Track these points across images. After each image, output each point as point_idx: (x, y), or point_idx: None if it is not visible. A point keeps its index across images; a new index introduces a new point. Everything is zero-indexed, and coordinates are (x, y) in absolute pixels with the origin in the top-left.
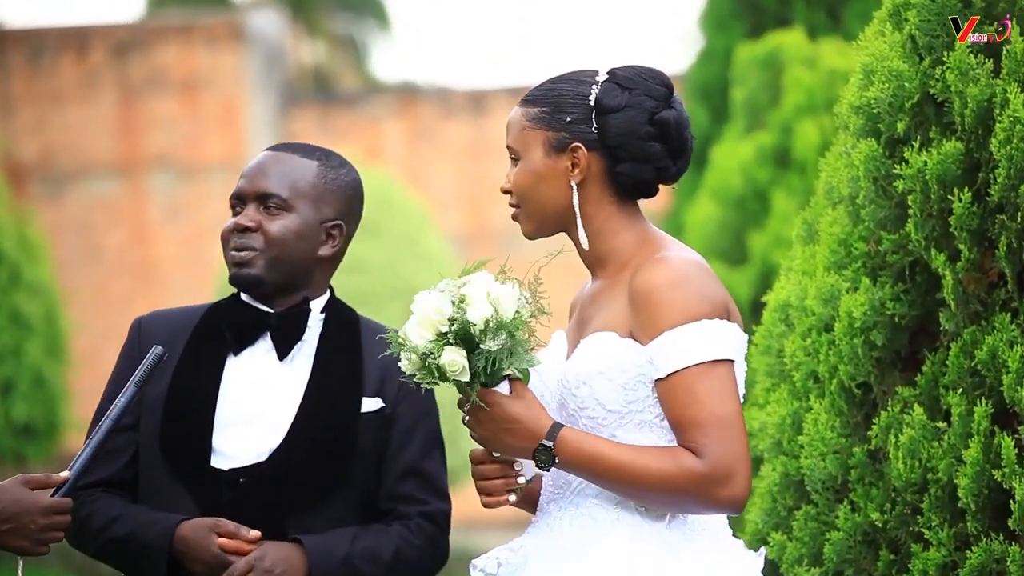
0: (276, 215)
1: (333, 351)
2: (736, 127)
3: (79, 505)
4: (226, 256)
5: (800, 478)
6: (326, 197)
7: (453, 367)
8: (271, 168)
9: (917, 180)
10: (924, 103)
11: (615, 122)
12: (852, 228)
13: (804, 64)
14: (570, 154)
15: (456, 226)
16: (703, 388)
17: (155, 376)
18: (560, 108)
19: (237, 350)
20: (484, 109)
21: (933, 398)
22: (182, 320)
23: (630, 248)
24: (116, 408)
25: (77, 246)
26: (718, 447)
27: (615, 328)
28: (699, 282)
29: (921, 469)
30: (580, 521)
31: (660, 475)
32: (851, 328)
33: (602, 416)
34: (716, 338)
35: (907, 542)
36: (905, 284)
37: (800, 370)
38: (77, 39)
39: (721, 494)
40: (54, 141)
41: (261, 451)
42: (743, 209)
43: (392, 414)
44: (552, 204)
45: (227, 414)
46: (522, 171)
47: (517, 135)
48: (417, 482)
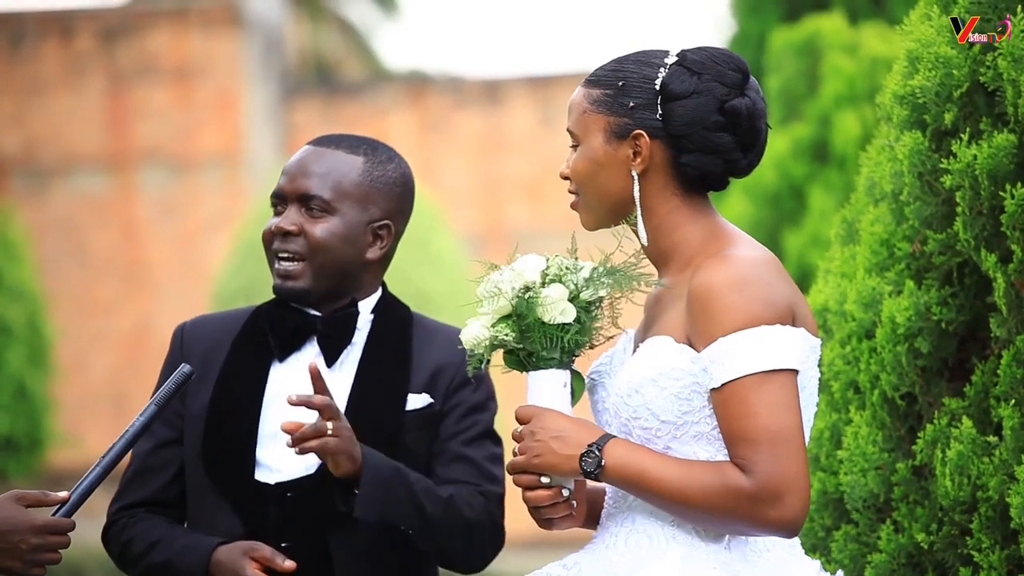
0: (319, 218)
1: (380, 352)
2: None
3: (120, 528)
4: (269, 260)
5: (839, 496)
6: (372, 196)
7: (555, 304)
8: (313, 166)
9: (966, 175)
10: (974, 92)
11: (681, 110)
12: (895, 227)
13: (844, 50)
14: (632, 142)
15: (470, 225)
16: (758, 400)
17: (191, 390)
18: (624, 91)
19: (283, 357)
20: (499, 99)
21: (983, 410)
22: (225, 325)
23: (694, 244)
24: (133, 427)
25: (61, 246)
26: (767, 465)
27: (672, 332)
28: (761, 284)
29: (970, 486)
30: (635, 539)
31: (704, 492)
32: (894, 335)
33: (655, 427)
34: (776, 346)
35: (955, 565)
36: (953, 287)
37: (839, 380)
38: (61, 23)
39: (769, 515)
40: (37, 133)
41: (309, 464)
42: (778, 207)
43: (441, 410)
44: (612, 194)
45: (272, 426)
46: (581, 157)
47: (578, 118)
48: (466, 467)
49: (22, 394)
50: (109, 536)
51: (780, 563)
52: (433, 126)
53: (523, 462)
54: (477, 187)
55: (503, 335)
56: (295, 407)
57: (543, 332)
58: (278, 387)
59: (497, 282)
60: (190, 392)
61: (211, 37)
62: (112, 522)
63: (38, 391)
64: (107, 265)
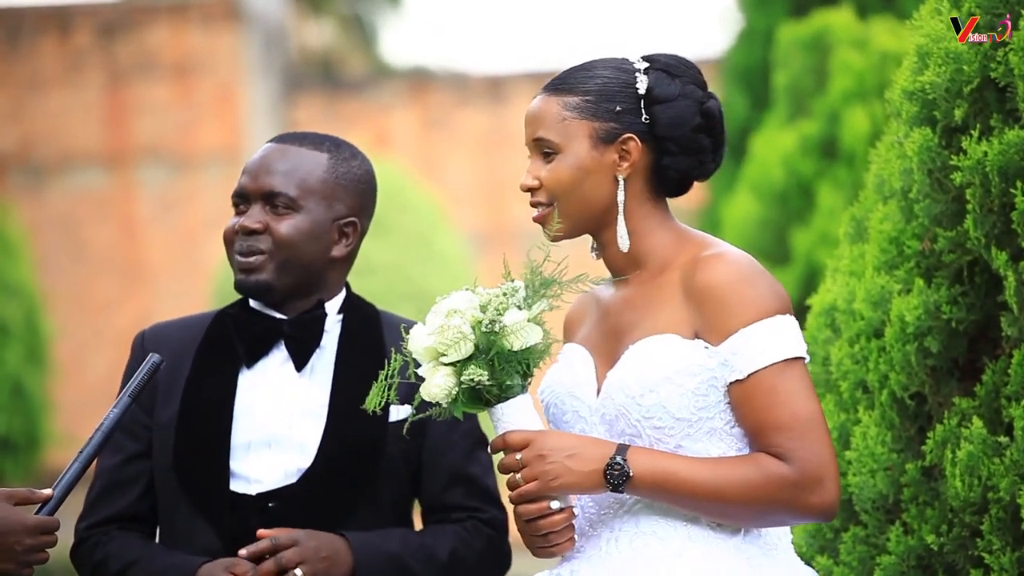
0: (284, 215)
1: (354, 356)
2: (778, 115)
3: (92, 546)
4: (231, 259)
5: (848, 497)
6: (338, 193)
7: (522, 329)
8: (277, 163)
9: (976, 172)
10: (984, 88)
11: (670, 112)
12: (905, 225)
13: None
14: (619, 146)
15: (473, 223)
16: (784, 388)
17: (159, 401)
18: (606, 96)
19: (250, 363)
20: (502, 96)
21: (994, 410)
22: (187, 331)
23: (668, 247)
24: (108, 420)
25: (59, 244)
26: (805, 451)
27: (675, 330)
28: (766, 277)
29: (980, 487)
30: (642, 541)
31: (745, 486)
32: (903, 334)
33: (669, 425)
34: (791, 334)
35: (965, 567)
36: (963, 286)
37: (848, 379)
38: (59, 19)
39: (812, 500)
40: (34, 130)
41: (290, 472)
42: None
43: (423, 421)
44: (595, 201)
45: (245, 435)
46: (563, 165)
47: (555, 126)
48: (465, 490)
49: (19, 393)
50: (79, 555)
51: (790, 555)
52: (436, 123)
53: (538, 488)
54: (480, 185)
55: (476, 376)
56: (269, 415)
57: (514, 359)
58: (248, 395)
59: (443, 329)
60: (157, 403)
61: (211, 32)
62: (82, 540)
63: (35, 390)
64: (106, 263)
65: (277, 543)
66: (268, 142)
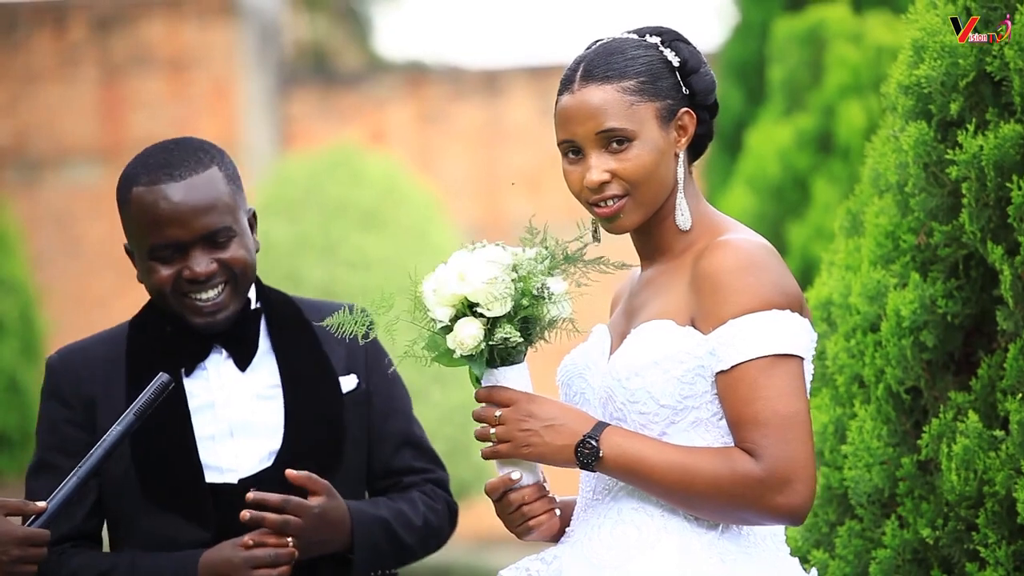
0: (229, 245)
1: (290, 339)
2: (774, 109)
3: (56, 565)
4: (177, 306)
5: (843, 491)
6: (240, 197)
7: (561, 297)
8: (197, 201)
9: (972, 166)
10: (980, 82)
11: (704, 81)
12: (900, 219)
13: (848, 40)
14: (676, 122)
15: (469, 218)
16: (767, 383)
17: (100, 420)
18: (656, 75)
19: (190, 371)
20: (498, 90)
21: (989, 404)
22: (103, 347)
23: (695, 229)
24: (111, 436)
25: (54, 239)
26: (777, 449)
27: (673, 315)
28: (773, 269)
29: (976, 481)
30: (621, 530)
31: (711, 478)
32: (899, 328)
33: (654, 411)
34: (787, 331)
35: (961, 561)
36: (959, 280)
37: (843, 373)
38: (54, 13)
39: (778, 501)
40: (29, 124)
41: (262, 456)
42: (781, 199)
43: (367, 389)
44: (668, 182)
45: (207, 428)
46: (643, 151)
47: (624, 113)
48: (414, 452)
49: (14, 388)
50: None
51: (772, 555)
52: (431, 117)
53: (507, 450)
54: (476, 179)
55: (512, 335)
56: (226, 407)
57: (538, 327)
58: (198, 394)
59: (493, 281)
60: (98, 418)
61: (206, 27)
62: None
63: (31, 386)
64: (101, 258)
65: (288, 504)
66: (155, 185)
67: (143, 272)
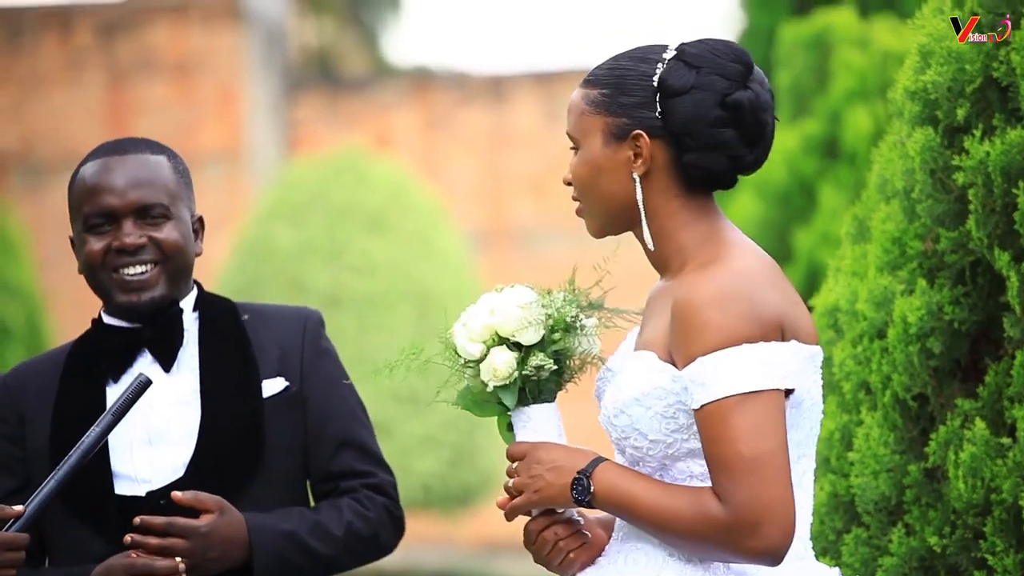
0: (161, 224)
1: (216, 342)
2: (780, 114)
3: None
4: (104, 283)
5: (850, 498)
6: (187, 193)
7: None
8: (135, 175)
9: (979, 172)
10: (987, 87)
11: (681, 106)
12: (907, 225)
13: (855, 45)
14: (631, 143)
15: (474, 223)
16: (735, 423)
17: (29, 430)
18: (621, 90)
19: (116, 377)
20: (504, 96)
21: (996, 411)
22: (50, 363)
23: (690, 248)
24: (89, 439)
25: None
26: (742, 493)
27: (657, 346)
28: (744, 300)
29: (983, 489)
30: (634, 556)
31: (686, 521)
32: (906, 334)
33: (646, 446)
34: (758, 365)
35: (968, 569)
36: (965, 286)
37: (850, 380)
38: (60, 18)
39: (748, 544)
40: (35, 128)
41: (176, 466)
42: (787, 204)
43: (300, 392)
44: (614, 199)
45: (125, 435)
46: (581, 162)
47: (576, 121)
48: (354, 453)
49: None
50: None
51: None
52: (437, 122)
53: (524, 501)
54: (481, 184)
55: (546, 363)
56: (144, 417)
57: (567, 361)
58: None
59: (527, 307)
60: (28, 433)
61: (211, 32)
62: None
63: None
64: None
65: (172, 527)
66: (99, 157)
67: (79, 252)
